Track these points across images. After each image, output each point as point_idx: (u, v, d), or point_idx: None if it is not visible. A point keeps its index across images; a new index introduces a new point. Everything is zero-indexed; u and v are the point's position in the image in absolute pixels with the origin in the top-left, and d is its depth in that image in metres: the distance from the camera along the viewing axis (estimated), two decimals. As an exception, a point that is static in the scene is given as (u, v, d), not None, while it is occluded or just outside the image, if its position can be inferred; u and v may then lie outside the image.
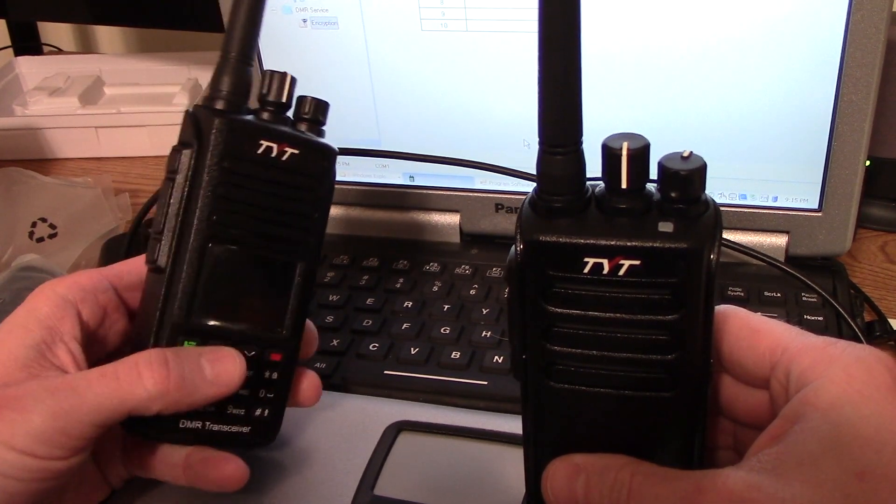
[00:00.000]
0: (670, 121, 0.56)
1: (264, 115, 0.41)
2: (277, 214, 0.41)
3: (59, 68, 0.97)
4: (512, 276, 0.29)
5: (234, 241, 0.40)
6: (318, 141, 0.42)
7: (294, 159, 0.40)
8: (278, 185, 0.40)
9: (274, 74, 0.41)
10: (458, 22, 0.56)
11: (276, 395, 0.42)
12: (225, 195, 0.39)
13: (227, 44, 0.39)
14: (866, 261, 0.63)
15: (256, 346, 0.41)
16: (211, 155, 0.39)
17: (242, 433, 0.42)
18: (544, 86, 0.27)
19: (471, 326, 0.54)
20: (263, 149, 0.40)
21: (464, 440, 0.45)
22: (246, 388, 0.41)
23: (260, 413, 0.42)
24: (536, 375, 0.31)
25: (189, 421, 0.40)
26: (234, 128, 0.39)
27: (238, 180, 0.39)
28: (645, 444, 0.32)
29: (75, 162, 0.87)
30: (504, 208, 0.62)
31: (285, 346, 0.42)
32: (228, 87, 0.39)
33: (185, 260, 0.39)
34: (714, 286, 0.28)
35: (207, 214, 0.39)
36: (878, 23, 0.50)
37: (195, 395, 0.37)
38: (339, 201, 0.66)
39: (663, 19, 0.53)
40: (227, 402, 0.41)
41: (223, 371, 0.38)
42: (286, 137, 0.40)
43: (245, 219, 0.40)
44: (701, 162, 0.28)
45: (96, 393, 0.35)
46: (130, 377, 0.36)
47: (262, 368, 0.41)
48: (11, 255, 0.66)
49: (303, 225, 0.42)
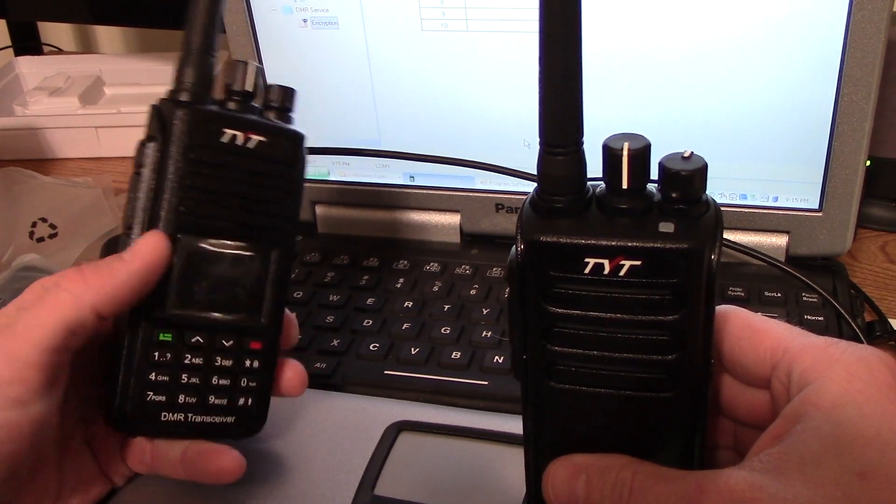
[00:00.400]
0: (671, 121, 0.56)
1: (230, 105, 0.41)
2: (247, 202, 0.41)
3: (59, 68, 0.97)
4: (512, 276, 0.29)
5: (205, 231, 0.40)
6: (284, 127, 0.42)
7: (261, 146, 0.40)
8: (246, 173, 0.40)
9: (237, 64, 0.41)
10: (459, 22, 0.56)
11: (258, 384, 0.42)
12: (192, 185, 0.39)
13: (188, 36, 0.40)
14: (867, 261, 0.63)
15: (234, 335, 0.41)
16: (175, 146, 0.39)
17: (227, 423, 0.42)
18: (545, 86, 0.27)
19: (471, 326, 0.54)
20: (228, 137, 0.40)
21: (464, 440, 0.45)
22: (227, 377, 0.41)
23: (244, 402, 0.42)
24: (537, 375, 0.31)
25: (171, 413, 0.40)
26: (197, 117, 0.39)
27: (204, 170, 0.39)
28: (645, 444, 0.32)
29: (75, 162, 0.87)
30: (504, 208, 0.62)
31: (265, 335, 0.42)
32: (190, 79, 0.40)
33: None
34: (715, 286, 0.28)
35: (175, 206, 0.39)
36: (879, 22, 0.50)
37: (119, 275, 0.37)
38: (339, 201, 0.66)
39: (664, 19, 0.53)
40: (208, 392, 0.41)
41: (141, 246, 0.38)
42: (251, 125, 0.40)
43: (214, 208, 0.40)
44: (702, 162, 0.28)
45: (34, 318, 0.35)
46: (55, 294, 0.36)
47: (242, 357, 0.41)
48: (12, 255, 0.66)
49: (274, 211, 0.42)
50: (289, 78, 0.62)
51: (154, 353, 0.39)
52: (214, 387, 0.41)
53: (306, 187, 0.52)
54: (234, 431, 0.42)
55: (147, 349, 0.39)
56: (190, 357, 0.40)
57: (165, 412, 0.40)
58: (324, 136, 0.63)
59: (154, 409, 0.40)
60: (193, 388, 0.41)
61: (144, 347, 0.39)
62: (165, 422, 0.40)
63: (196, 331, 0.40)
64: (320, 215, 0.66)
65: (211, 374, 0.41)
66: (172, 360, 0.40)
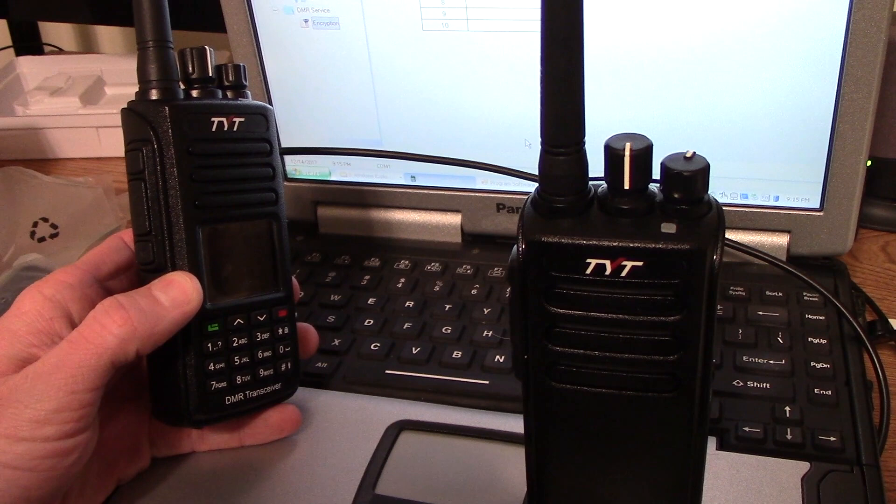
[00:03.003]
0: (672, 121, 0.56)
1: (194, 92, 0.42)
2: (244, 182, 0.43)
3: (60, 68, 0.97)
4: (514, 276, 0.29)
5: (218, 219, 0.42)
6: (255, 104, 0.43)
7: (242, 127, 0.42)
8: (238, 155, 0.42)
9: (194, 52, 0.42)
10: (460, 22, 0.56)
11: (291, 347, 0.45)
12: (200, 179, 0.41)
13: (141, 32, 0.40)
14: (867, 261, 0.63)
15: (265, 309, 0.43)
16: (174, 145, 0.40)
17: (276, 390, 0.44)
18: (546, 86, 0.27)
19: (472, 326, 0.54)
20: (216, 125, 0.41)
21: (465, 439, 0.45)
22: (269, 349, 0.43)
23: (285, 368, 0.45)
24: (538, 375, 0.31)
25: (233, 395, 0.43)
26: (186, 113, 0.40)
27: (205, 161, 0.41)
28: (646, 444, 0.32)
29: (76, 162, 0.87)
30: (505, 208, 0.62)
31: (287, 301, 0.44)
32: (158, 75, 0.40)
33: (184, 253, 0.40)
34: (717, 287, 0.28)
35: (191, 202, 0.40)
36: (879, 22, 0.50)
37: (161, 323, 0.38)
38: (340, 201, 0.66)
39: (665, 19, 0.53)
40: (258, 367, 0.43)
41: (178, 293, 0.39)
42: (230, 109, 0.42)
43: (221, 195, 0.42)
44: (704, 163, 0.28)
45: (75, 360, 0.36)
46: (96, 331, 0.37)
47: (275, 327, 0.44)
48: (13, 255, 0.66)
49: (265, 185, 0.43)
50: (290, 78, 0.62)
51: (207, 344, 0.41)
52: (261, 360, 0.43)
53: (308, 188, 0.52)
54: (280, 395, 0.45)
55: (200, 343, 0.41)
56: (237, 339, 0.42)
57: (228, 396, 0.42)
58: (325, 137, 0.63)
59: (218, 397, 0.42)
60: (246, 367, 0.43)
61: (197, 342, 0.41)
62: (230, 405, 0.43)
63: (236, 314, 0.42)
64: (321, 215, 0.66)
65: (256, 349, 0.43)
66: (223, 347, 0.42)
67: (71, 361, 0.36)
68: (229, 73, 0.43)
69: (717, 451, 0.44)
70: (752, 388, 0.47)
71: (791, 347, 0.50)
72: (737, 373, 0.49)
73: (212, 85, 0.42)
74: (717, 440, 0.44)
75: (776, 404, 0.46)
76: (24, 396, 0.35)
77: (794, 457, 0.43)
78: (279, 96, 0.63)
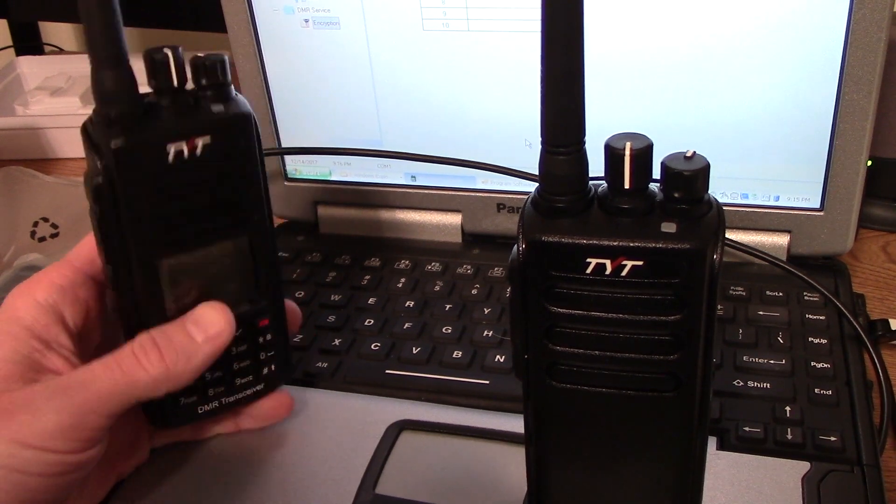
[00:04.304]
0: (673, 120, 0.56)
1: (163, 101, 0.37)
2: (211, 205, 0.39)
3: (60, 68, 0.97)
4: (514, 275, 0.29)
5: (179, 247, 0.39)
6: (226, 116, 0.38)
7: (209, 149, 0.37)
8: (203, 181, 0.38)
9: (155, 58, 0.36)
10: (460, 22, 0.56)
11: (276, 350, 0.44)
12: (158, 215, 0.38)
13: (91, 46, 0.35)
14: (868, 261, 0.63)
15: (242, 322, 0.42)
16: (123, 184, 0.36)
17: (259, 391, 0.44)
18: (547, 85, 0.27)
19: (472, 326, 0.54)
20: (173, 154, 0.37)
21: (465, 439, 0.45)
22: (247, 359, 0.43)
23: (267, 371, 0.44)
24: (538, 375, 0.31)
25: (205, 405, 0.43)
26: (135, 147, 0.36)
27: (161, 197, 0.37)
28: (646, 444, 0.32)
29: (77, 162, 0.87)
30: (506, 208, 0.62)
31: (268, 310, 0.43)
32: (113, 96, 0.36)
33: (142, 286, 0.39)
34: (717, 286, 0.28)
35: (147, 238, 0.38)
36: (880, 22, 0.50)
37: (195, 360, 0.38)
38: (341, 201, 0.66)
39: (666, 19, 0.53)
40: (233, 377, 0.42)
41: (210, 327, 0.39)
42: (192, 129, 0.37)
43: (184, 226, 0.39)
44: (704, 162, 0.28)
45: (104, 384, 0.36)
46: (131, 364, 0.37)
47: (255, 337, 0.43)
48: (13, 255, 0.66)
49: (240, 202, 0.40)
50: (290, 78, 0.62)
51: None
52: (237, 371, 0.43)
53: (308, 188, 0.51)
54: (267, 390, 0.45)
55: None
56: None
57: (200, 406, 0.42)
58: (325, 137, 0.63)
59: (188, 408, 0.42)
60: (219, 380, 0.43)
61: None
62: (202, 413, 0.43)
63: None
64: (322, 215, 0.66)
65: (231, 361, 0.43)
66: None
67: (100, 385, 0.36)
68: (205, 73, 0.38)
69: (717, 451, 0.44)
70: (753, 387, 0.47)
71: (791, 347, 0.50)
72: (737, 373, 0.49)
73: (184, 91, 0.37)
74: (717, 440, 0.44)
75: (776, 404, 0.46)
76: (41, 405, 0.35)
77: (795, 457, 0.43)
78: (279, 96, 0.63)
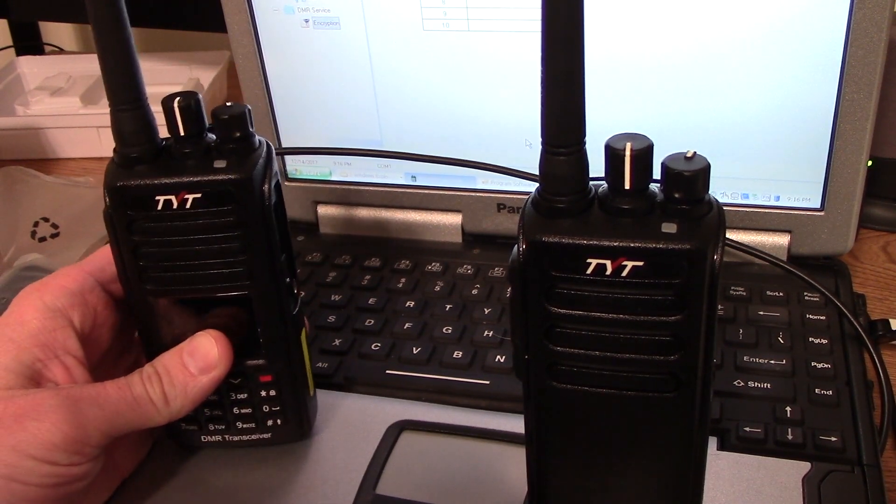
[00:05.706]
0: (673, 121, 0.56)
1: (176, 148, 0.39)
2: (205, 256, 0.39)
3: (60, 68, 0.97)
4: (514, 276, 0.29)
5: (173, 292, 0.40)
6: (219, 179, 0.38)
7: (199, 203, 0.38)
8: (191, 233, 0.39)
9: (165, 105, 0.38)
10: (460, 22, 0.56)
11: (282, 406, 0.44)
12: (145, 255, 0.39)
13: (111, 93, 0.38)
14: (868, 261, 0.63)
15: (240, 373, 0.42)
16: (115, 222, 0.39)
17: (264, 438, 0.45)
18: (547, 86, 0.27)
19: (473, 326, 0.54)
20: (162, 204, 0.38)
21: (466, 439, 0.45)
22: (247, 407, 0.43)
23: (272, 423, 0.44)
24: (539, 375, 0.31)
25: (208, 436, 0.44)
26: (126, 193, 0.38)
27: (147, 240, 0.39)
28: (647, 444, 0.32)
29: (77, 162, 0.87)
30: (506, 208, 0.62)
31: (270, 369, 0.43)
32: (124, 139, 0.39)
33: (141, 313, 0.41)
34: (717, 287, 0.28)
35: (135, 272, 0.40)
36: (880, 22, 0.50)
37: (192, 393, 0.39)
38: (341, 201, 0.66)
39: (666, 20, 0.53)
40: (234, 420, 0.44)
41: (204, 359, 0.39)
42: (183, 186, 0.38)
43: (176, 268, 0.40)
44: (704, 162, 0.28)
45: (114, 406, 0.37)
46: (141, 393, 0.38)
47: (255, 389, 0.43)
48: (14, 255, 0.66)
49: (232, 261, 0.40)
50: (290, 78, 0.62)
51: None
52: (237, 415, 0.44)
53: (308, 188, 0.51)
54: (277, 441, 0.45)
55: None
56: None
57: (204, 436, 0.44)
58: (325, 137, 0.63)
59: (191, 434, 0.44)
60: (218, 419, 0.44)
61: None
62: (206, 441, 0.45)
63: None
64: (322, 215, 0.66)
65: (230, 405, 0.44)
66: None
67: (113, 406, 0.37)
68: (225, 124, 0.38)
69: (717, 451, 0.44)
70: (753, 388, 0.47)
71: (792, 347, 0.50)
72: (737, 373, 0.49)
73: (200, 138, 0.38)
74: (717, 440, 0.44)
75: (777, 404, 0.46)
76: (51, 414, 0.35)
77: (795, 457, 0.43)
78: (279, 96, 0.63)
